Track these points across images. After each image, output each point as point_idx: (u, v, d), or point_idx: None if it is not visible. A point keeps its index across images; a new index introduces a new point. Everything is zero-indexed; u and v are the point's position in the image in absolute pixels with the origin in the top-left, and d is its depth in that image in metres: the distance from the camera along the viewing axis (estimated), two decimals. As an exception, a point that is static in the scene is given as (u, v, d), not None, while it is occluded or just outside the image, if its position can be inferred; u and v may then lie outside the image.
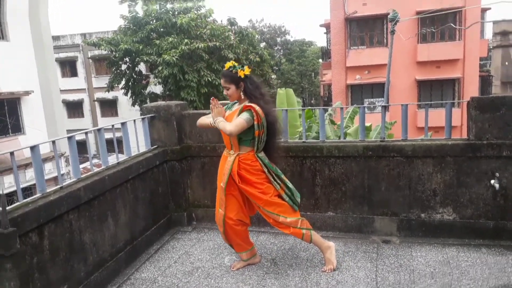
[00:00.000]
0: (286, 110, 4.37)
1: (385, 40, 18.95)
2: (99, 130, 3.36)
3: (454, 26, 17.68)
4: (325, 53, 24.97)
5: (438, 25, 18.55)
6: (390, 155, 3.74)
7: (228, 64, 3.09)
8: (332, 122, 7.73)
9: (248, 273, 3.33)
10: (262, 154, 3.15)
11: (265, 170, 3.13)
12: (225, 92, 3.12)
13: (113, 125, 3.59)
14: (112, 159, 3.57)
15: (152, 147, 4.14)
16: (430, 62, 18.64)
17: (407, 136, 3.84)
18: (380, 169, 3.78)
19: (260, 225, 4.17)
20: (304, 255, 3.59)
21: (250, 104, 3.01)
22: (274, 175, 3.18)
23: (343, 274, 3.22)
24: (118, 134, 3.67)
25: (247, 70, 3.07)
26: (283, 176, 3.26)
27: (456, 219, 3.67)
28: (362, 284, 3.07)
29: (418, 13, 17.42)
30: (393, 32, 7.74)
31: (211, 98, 3.11)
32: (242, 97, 3.10)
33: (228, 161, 3.16)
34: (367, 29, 19.34)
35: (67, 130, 15.91)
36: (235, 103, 3.20)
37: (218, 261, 3.58)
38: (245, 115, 2.98)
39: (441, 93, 19.25)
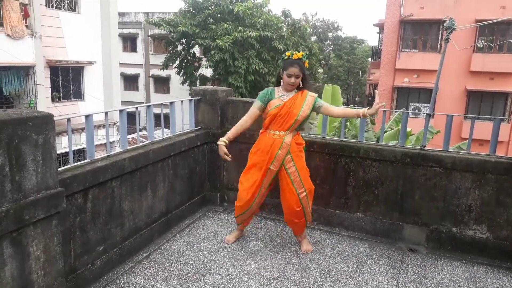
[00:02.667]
0: (328, 107, 4.39)
1: (438, 46, 18.25)
2: (148, 106, 3.53)
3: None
4: (375, 53, 24.40)
5: (498, 36, 17.64)
6: (428, 165, 3.69)
7: (300, 54, 3.28)
8: (372, 122, 7.62)
9: (270, 260, 3.43)
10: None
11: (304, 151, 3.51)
12: (293, 81, 3.26)
13: (162, 103, 3.76)
14: (158, 134, 3.76)
15: (195, 128, 4.30)
16: (483, 73, 17.80)
17: (448, 147, 3.77)
18: (416, 177, 3.74)
19: (288, 216, 4.25)
20: (327, 251, 3.64)
21: (312, 93, 3.40)
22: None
23: (364, 276, 3.25)
24: (166, 110, 3.85)
25: (307, 62, 3.37)
26: None
27: (490, 238, 3.59)
28: (383, 288, 3.09)
29: (477, 21, 16.60)
30: (447, 40, 7.46)
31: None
32: (300, 85, 3.36)
33: (279, 142, 3.34)
34: (421, 32, 18.68)
35: (122, 101, 16.78)
36: (274, 92, 3.41)
37: (244, 244, 3.69)
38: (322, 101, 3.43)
39: (491, 105, 18.38)
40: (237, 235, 3.76)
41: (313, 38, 32.91)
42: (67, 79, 14.39)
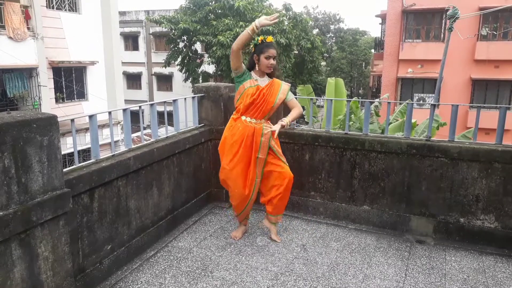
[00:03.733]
0: (331, 100, 4.38)
1: (442, 35, 18.10)
2: (151, 105, 3.52)
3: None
4: (378, 44, 24.24)
5: (502, 23, 17.47)
6: (434, 155, 3.66)
7: (272, 39, 3.38)
8: (377, 114, 7.59)
9: (278, 255, 3.43)
10: None
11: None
12: (272, 62, 3.30)
13: (165, 102, 3.76)
14: (162, 132, 3.76)
15: (199, 125, 4.30)
16: (488, 61, 17.64)
17: (454, 137, 3.75)
18: (422, 169, 3.72)
19: (294, 210, 4.26)
20: (334, 245, 3.63)
21: (286, 83, 3.48)
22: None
23: (372, 268, 3.25)
24: (169, 108, 3.85)
25: None
26: None
27: (498, 228, 3.57)
28: (390, 281, 3.08)
29: (481, 9, 16.44)
30: (450, 29, 7.39)
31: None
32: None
33: (259, 129, 3.36)
34: (424, 22, 18.52)
35: (125, 100, 16.86)
36: (246, 75, 3.39)
37: (250, 239, 3.70)
38: (292, 95, 3.47)
39: (497, 94, 18.23)
40: (244, 230, 3.78)
41: (315, 31, 32.76)
42: (70, 80, 14.47)
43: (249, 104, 3.33)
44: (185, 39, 20.29)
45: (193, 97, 4.26)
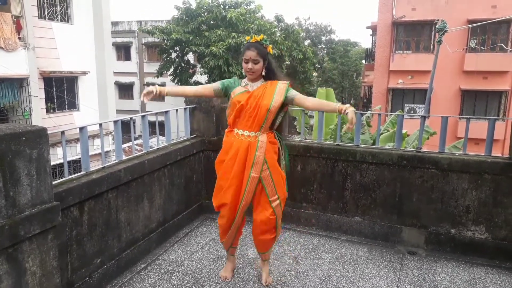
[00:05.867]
0: (323, 111, 4.39)
1: (431, 47, 18.36)
2: (143, 117, 3.51)
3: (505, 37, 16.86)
4: (369, 55, 24.52)
5: (490, 35, 17.78)
6: (425, 167, 3.69)
7: (260, 37, 2.87)
8: (368, 124, 7.65)
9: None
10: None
11: (281, 152, 2.98)
12: (250, 66, 2.78)
13: (156, 113, 3.75)
14: (153, 142, 3.74)
15: (191, 136, 4.29)
16: (477, 72, 17.90)
17: (444, 149, 3.78)
18: (413, 180, 3.74)
19: (285, 222, 4.24)
20: (326, 257, 3.62)
21: (284, 81, 2.89)
22: (283, 158, 3.01)
23: (364, 280, 3.24)
24: (161, 118, 3.83)
25: (270, 47, 2.89)
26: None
27: (488, 239, 3.59)
28: (383, 292, 3.07)
29: (469, 21, 16.74)
30: (439, 42, 7.51)
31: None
32: (263, 74, 2.87)
33: (254, 143, 2.85)
34: (414, 34, 18.80)
35: (116, 110, 16.76)
36: (238, 81, 2.96)
37: (242, 252, 3.67)
38: (295, 91, 2.85)
39: (486, 104, 18.48)
40: (232, 266, 3.27)
41: (307, 42, 33.01)
42: (61, 90, 14.37)
43: (239, 112, 2.85)
44: (178, 49, 20.37)
45: (185, 108, 4.25)
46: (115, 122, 3.21)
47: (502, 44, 16.41)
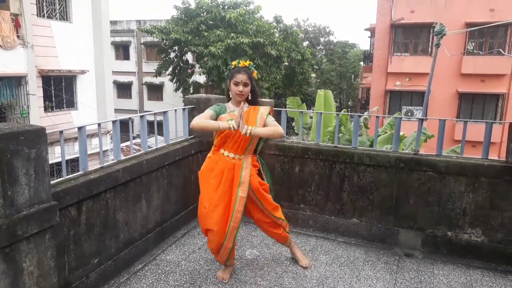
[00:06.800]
0: (321, 113, 4.41)
1: (429, 49, 18.43)
2: (141, 117, 3.51)
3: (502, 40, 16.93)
4: (367, 57, 24.59)
5: (487, 38, 17.85)
6: (422, 169, 3.71)
7: (247, 62, 3.04)
8: (366, 126, 7.67)
9: (267, 269, 3.41)
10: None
11: (262, 169, 3.20)
12: (240, 89, 2.91)
13: (155, 113, 3.75)
14: (152, 142, 3.73)
15: (189, 137, 4.29)
16: (474, 75, 17.98)
17: (441, 151, 3.80)
18: (410, 182, 3.76)
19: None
20: (324, 258, 3.63)
21: (265, 106, 3.06)
22: (263, 172, 3.24)
23: (360, 282, 3.25)
24: (159, 118, 3.83)
25: (255, 72, 3.07)
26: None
27: (485, 242, 3.60)
28: (380, 294, 3.08)
29: (467, 24, 16.80)
30: (438, 45, 7.54)
31: (242, 105, 2.82)
32: (249, 97, 3.02)
33: (239, 164, 2.99)
34: (412, 36, 18.86)
35: (115, 109, 16.73)
36: (224, 107, 3.03)
37: (240, 253, 3.67)
38: (272, 118, 3.01)
39: (483, 107, 18.54)
40: (231, 268, 3.29)
41: (305, 43, 33.10)
42: (59, 89, 14.35)
43: (225, 137, 2.96)
44: (176, 49, 20.38)
45: (183, 109, 4.25)
46: (114, 122, 3.21)
47: (500, 50, 16.48)
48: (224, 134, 2.95)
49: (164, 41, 19.67)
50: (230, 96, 3.05)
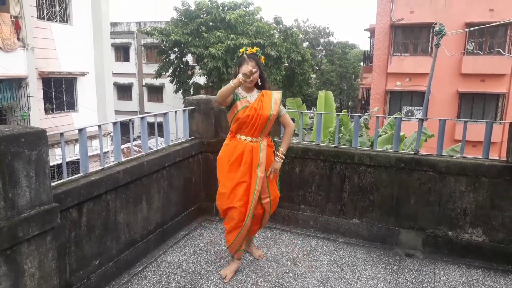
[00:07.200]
0: (321, 113, 4.42)
1: (429, 49, 18.43)
2: (142, 118, 3.52)
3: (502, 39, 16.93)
4: (367, 57, 24.59)
5: (487, 38, 17.86)
6: (422, 169, 3.71)
7: (254, 49, 3.12)
8: (366, 126, 7.67)
9: (268, 270, 3.41)
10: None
11: (275, 150, 3.25)
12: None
13: (155, 114, 3.75)
14: (152, 143, 3.74)
15: (190, 138, 4.29)
16: (474, 75, 17.98)
17: (442, 151, 3.80)
18: (411, 182, 3.76)
19: (284, 224, 4.26)
20: (325, 259, 3.63)
21: (277, 91, 3.18)
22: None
23: (361, 282, 3.25)
24: (160, 119, 3.84)
25: (262, 58, 3.18)
26: None
27: (486, 242, 3.60)
28: (381, 294, 3.08)
29: (466, 24, 16.81)
30: (437, 45, 7.55)
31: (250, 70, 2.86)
32: (258, 83, 3.13)
33: (257, 147, 3.10)
34: (412, 36, 18.86)
35: (115, 111, 16.74)
36: (235, 97, 3.10)
37: (241, 254, 3.67)
38: (283, 107, 3.18)
39: (483, 107, 18.54)
40: (236, 267, 3.32)
41: (305, 44, 33.14)
42: (60, 91, 14.37)
43: (242, 124, 3.07)
44: (177, 50, 20.39)
45: (184, 110, 4.26)
46: (114, 123, 3.21)
47: (500, 50, 16.48)
48: (239, 122, 3.07)
49: (164, 42, 19.71)
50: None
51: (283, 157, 3.16)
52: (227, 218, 3.19)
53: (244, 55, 3.10)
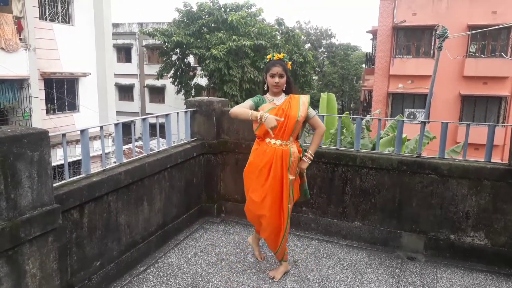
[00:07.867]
0: (323, 115, 4.41)
1: (431, 52, 18.42)
2: (144, 119, 3.52)
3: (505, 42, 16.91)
4: (369, 59, 24.58)
5: (490, 41, 17.86)
6: (425, 172, 3.69)
7: (281, 55, 3.17)
8: (368, 129, 7.66)
9: (269, 272, 3.40)
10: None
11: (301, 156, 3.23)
12: (277, 80, 3.06)
13: (157, 116, 3.75)
14: (154, 144, 3.74)
15: (191, 139, 4.29)
16: (477, 78, 17.96)
17: (444, 154, 3.79)
18: (413, 185, 3.75)
19: (286, 226, 4.24)
20: (326, 261, 3.62)
21: (305, 95, 3.20)
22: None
23: (363, 285, 3.24)
24: (161, 120, 3.83)
25: (289, 63, 3.23)
26: None
27: (488, 245, 3.59)
28: (382, 297, 3.07)
29: (469, 26, 16.82)
30: (440, 48, 7.54)
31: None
32: (284, 88, 3.18)
33: (287, 151, 3.08)
34: (414, 39, 18.87)
35: (117, 112, 16.76)
36: (263, 98, 3.17)
37: (242, 256, 3.67)
38: (312, 109, 3.18)
39: (486, 109, 18.52)
40: (285, 270, 3.37)
41: (307, 46, 33.15)
42: (61, 91, 14.40)
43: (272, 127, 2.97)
44: (178, 51, 20.40)
45: (185, 111, 4.26)
46: (116, 125, 3.21)
47: (502, 53, 16.47)
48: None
49: (166, 43, 19.70)
50: (265, 89, 3.22)
51: (312, 157, 3.17)
52: (262, 228, 3.23)
53: (271, 60, 3.15)
